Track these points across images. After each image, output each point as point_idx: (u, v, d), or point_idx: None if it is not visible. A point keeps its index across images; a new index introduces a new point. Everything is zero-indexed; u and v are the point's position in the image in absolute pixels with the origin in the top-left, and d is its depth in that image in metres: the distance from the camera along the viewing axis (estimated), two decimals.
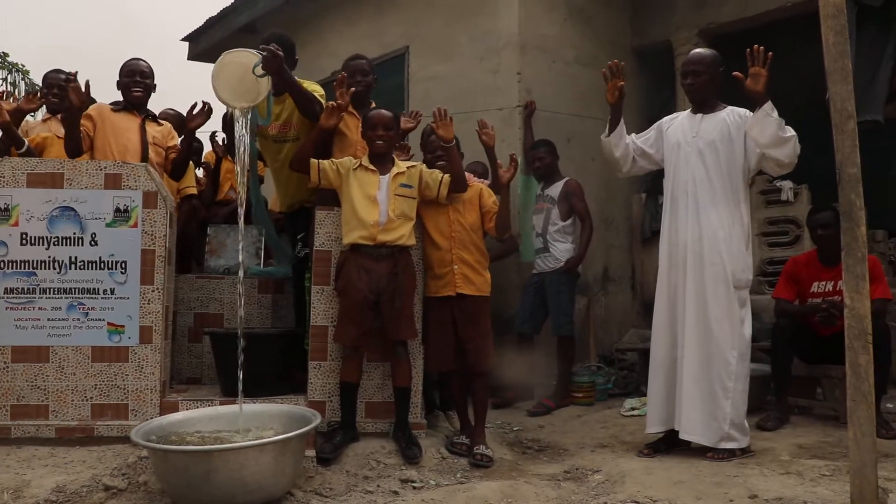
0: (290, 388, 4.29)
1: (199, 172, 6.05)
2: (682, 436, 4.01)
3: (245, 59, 3.92)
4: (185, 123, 4.66)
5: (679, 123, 4.28)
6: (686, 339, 4.03)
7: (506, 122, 6.13)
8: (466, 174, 4.42)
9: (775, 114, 3.83)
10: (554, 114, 6.34)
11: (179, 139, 4.95)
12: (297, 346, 4.39)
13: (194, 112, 4.62)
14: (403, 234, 3.99)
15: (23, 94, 9.43)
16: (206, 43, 9.39)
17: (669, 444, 4.12)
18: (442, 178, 4.12)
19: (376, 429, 4.11)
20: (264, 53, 3.86)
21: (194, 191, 5.50)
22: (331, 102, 4.14)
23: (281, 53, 3.93)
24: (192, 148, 4.76)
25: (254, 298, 4.89)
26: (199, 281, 4.93)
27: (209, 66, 9.62)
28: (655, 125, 4.39)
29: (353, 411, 4.02)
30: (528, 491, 3.56)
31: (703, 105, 4.16)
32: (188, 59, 9.70)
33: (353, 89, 4.30)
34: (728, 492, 3.37)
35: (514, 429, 4.96)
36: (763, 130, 3.88)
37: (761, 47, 3.79)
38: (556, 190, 5.73)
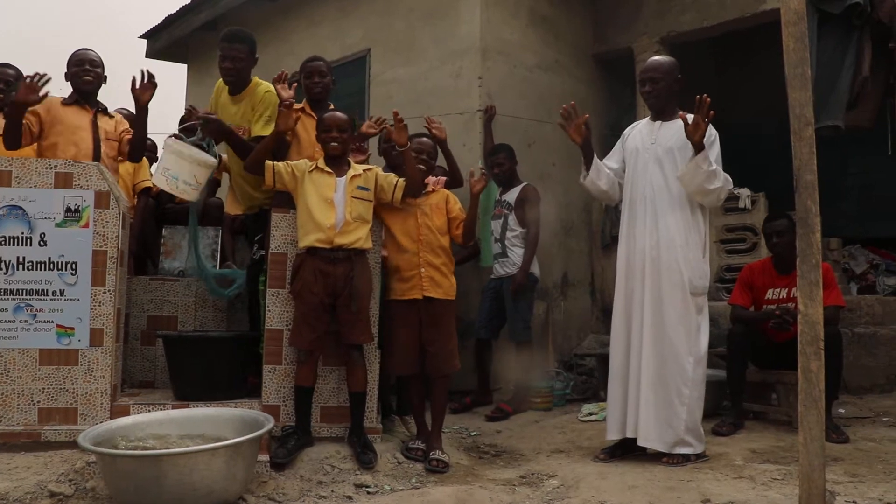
0: (244, 392, 4.23)
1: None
2: (640, 442, 4.01)
3: (180, 150, 4.22)
4: (135, 98, 4.37)
5: (638, 130, 4.31)
6: (643, 346, 4.04)
7: (467, 125, 6.14)
8: (433, 178, 4.42)
9: (706, 166, 3.88)
10: (515, 118, 6.35)
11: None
12: (252, 349, 4.33)
13: (139, 86, 4.32)
14: (360, 236, 3.96)
15: None
16: (165, 40, 9.26)
17: (625, 450, 4.13)
18: (397, 181, 4.10)
19: (331, 433, 4.06)
20: (199, 122, 4.16)
21: (150, 184, 5.40)
22: (286, 103, 4.10)
23: (214, 116, 4.22)
24: (146, 125, 4.53)
25: (208, 301, 4.82)
26: (152, 283, 4.85)
27: (168, 65, 9.53)
28: (620, 139, 4.40)
29: (307, 416, 3.97)
30: (482, 496, 3.55)
31: (662, 112, 4.18)
32: (146, 56, 9.55)
33: (295, 84, 4.30)
34: (681, 496, 3.38)
35: (472, 434, 4.95)
36: (691, 179, 3.95)
37: (708, 98, 3.81)
38: (513, 195, 5.73)
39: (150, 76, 4.34)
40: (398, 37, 6.85)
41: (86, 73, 4.50)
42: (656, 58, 4.35)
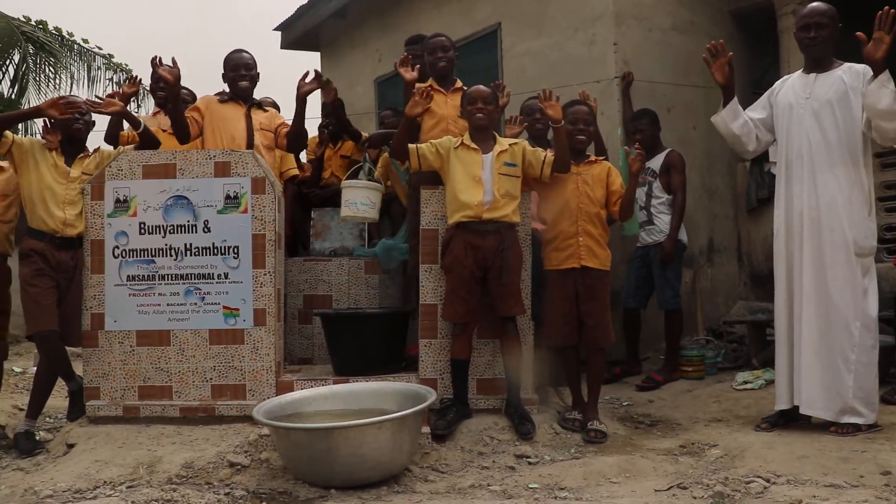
0: (400, 367, 4.35)
1: (303, 157, 6.13)
2: (803, 410, 3.87)
3: (352, 184, 4.70)
4: (297, 89, 4.67)
5: (790, 85, 4.09)
6: (804, 311, 3.87)
7: (603, 94, 6.01)
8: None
9: (892, 85, 3.62)
10: (652, 83, 6.17)
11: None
12: (407, 324, 4.45)
13: (306, 80, 4.62)
14: (508, 212, 3.98)
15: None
16: (298, 31, 9.51)
17: (789, 419, 3.98)
18: (545, 157, 4.08)
19: (488, 405, 4.11)
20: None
21: (296, 172, 5.59)
22: (418, 86, 4.18)
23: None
24: (304, 117, 4.77)
25: (361, 279, 4.96)
26: (307, 263, 5.03)
27: (303, 54, 9.79)
28: (768, 92, 4.21)
29: (464, 388, 4.03)
30: (645, 465, 3.52)
31: (820, 63, 3.95)
32: (281, 47, 9.86)
33: (417, 66, 4.43)
34: (857, 468, 3.23)
35: (624, 404, 4.91)
36: (878, 101, 3.68)
37: (892, 10, 3.55)
38: (657, 162, 5.58)
39: (318, 75, 4.63)
40: (528, 8, 6.78)
41: (241, 77, 4.73)
42: (819, 3, 4.08)
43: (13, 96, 9.56)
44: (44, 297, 4.21)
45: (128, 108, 4.80)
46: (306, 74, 4.63)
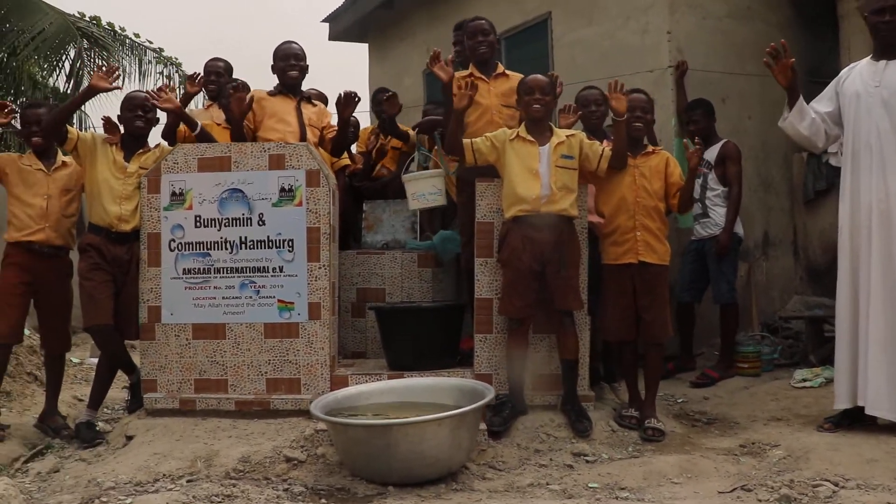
0: (455, 361, 4.32)
1: (354, 148, 6.11)
2: (869, 410, 3.75)
3: (414, 176, 4.68)
4: (338, 112, 4.72)
5: (858, 72, 3.95)
6: (871, 307, 3.76)
7: (657, 83, 5.91)
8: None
9: None
10: (707, 73, 6.05)
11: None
12: (462, 318, 4.42)
13: (342, 102, 4.65)
14: (565, 206, 3.93)
15: (178, 86, 9.95)
16: (346, 22, 9.51)
17: (853, 419, 3.86)
18: (603, 151, 4.02)
19: (544, 401, 4.07)
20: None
21: (347, 162, 5.59)
22: (458, 76, 4.12)
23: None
24: (348, 131, 4.87)
25: (414, 272, 4.92)
26: (360, 256, 5.01)
27: (351, 46, 9.76)
28: (834, 82, 4.08)
29: (521, 384, 3.99)
30: (706, 466, 3.46)
31: (892, 49, 3.81)
32: (329, 39, 9.85)
33: (450, 56, 4.30)
34: None
35: (679, 400, 4.84)
36: None
37: None
38: (712, 153, 5.46)
39: (352, 94, 4.64)
40: None
41: (291, 67, 4.73)
42: None
43: (69, 90, 9.74)
44: (98, 292, 4.26)
45: (187, 107, 4.85)
46: (339, 98, 4.65)
